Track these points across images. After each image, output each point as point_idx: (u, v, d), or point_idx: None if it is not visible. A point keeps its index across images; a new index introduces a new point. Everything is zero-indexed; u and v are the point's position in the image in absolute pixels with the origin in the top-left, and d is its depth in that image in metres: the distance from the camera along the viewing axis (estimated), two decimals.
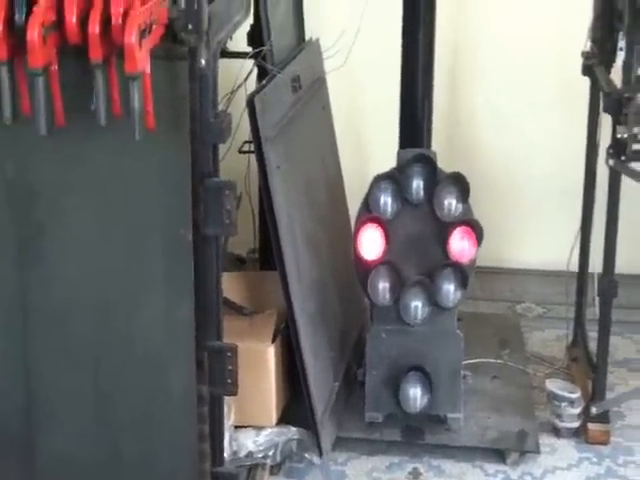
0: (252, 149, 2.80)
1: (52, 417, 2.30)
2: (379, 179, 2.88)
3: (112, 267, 2.22)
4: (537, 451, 2.90)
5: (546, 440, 2.97)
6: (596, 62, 3.04)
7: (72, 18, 1.94)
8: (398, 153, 2.95)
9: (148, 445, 2.29)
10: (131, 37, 1.90)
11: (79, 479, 2.33)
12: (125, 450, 2.30)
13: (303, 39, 3.36)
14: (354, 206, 3.03)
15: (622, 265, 2.95)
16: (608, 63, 2.97)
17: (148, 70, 1.98)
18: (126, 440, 2.29)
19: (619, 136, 2.73)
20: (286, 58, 3.05)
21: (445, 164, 2.92)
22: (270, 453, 2.81)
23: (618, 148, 2.75)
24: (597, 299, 2.93)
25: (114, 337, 2.24)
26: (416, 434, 2.94)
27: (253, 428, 2.84)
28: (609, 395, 3.00)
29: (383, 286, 2.87)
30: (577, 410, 2.98)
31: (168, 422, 2.27)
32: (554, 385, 3.03)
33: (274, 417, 2.90)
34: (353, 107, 3.87)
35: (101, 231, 2.20)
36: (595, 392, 2.96)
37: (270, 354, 2.88)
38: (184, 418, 2.26)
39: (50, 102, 2.00)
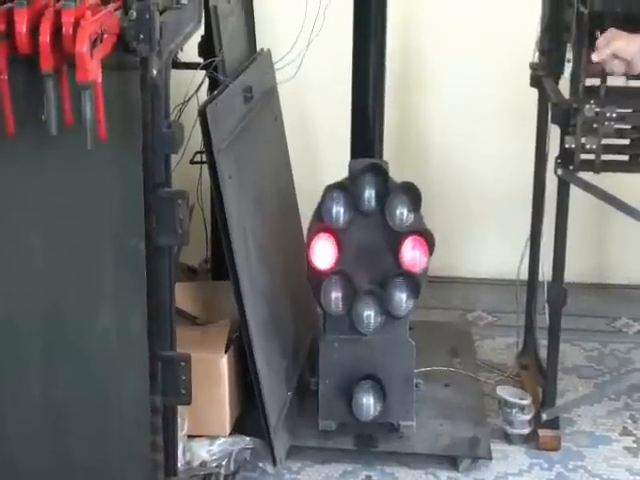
0: (204, 159, 2.80)
1: (3, 426, 2.29)
2: (331, 189, 2.89)
3: (64, 278, 2.21)
4: (489, 457, 2.92)
5: (498, 446, 2.99)
6: (544, 73, 3.08)
7: (22, 28, 1.93)
8: (350, 163, 2.96)
9: (101, 455, 2.28)
10: (82, 46, 1.90)
11: None
12: (78, 460, 2.28)
13: (255, 50, 3.37)
14: (306, 216, 3.04)
15: (571, 273, 2.99)
16: (556, 74, 3.01)
17: (99, 80, 1.98)
18: (79, 450, 2.28)
19: (567, 146, 2.76)
20: (238, 69, 3.05)
21: (397, 174, 2.94)
22: (224, 462, 2.81)
23: (566, 158, 2.79)
24: (547, 307, 2.97)
25: (66, 347, 2.23)
26: (369, 442, 2.95)
27: (207, 438, 2.84)
28: (559, 401, 3.03)
29: (336, 295, 2.88)
30: (528, 416, 3.01)
31: (121, 432, 2.27)
32: (505, 392, 3.06)
33: (228, 426, 2.90)
34: (305, 117, 3.89)
35: (52, 242, 2.19)
36: (545, 399, 2.99)
37: (223, 364, 2.87)
38: (137, 428, 2.26)
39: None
